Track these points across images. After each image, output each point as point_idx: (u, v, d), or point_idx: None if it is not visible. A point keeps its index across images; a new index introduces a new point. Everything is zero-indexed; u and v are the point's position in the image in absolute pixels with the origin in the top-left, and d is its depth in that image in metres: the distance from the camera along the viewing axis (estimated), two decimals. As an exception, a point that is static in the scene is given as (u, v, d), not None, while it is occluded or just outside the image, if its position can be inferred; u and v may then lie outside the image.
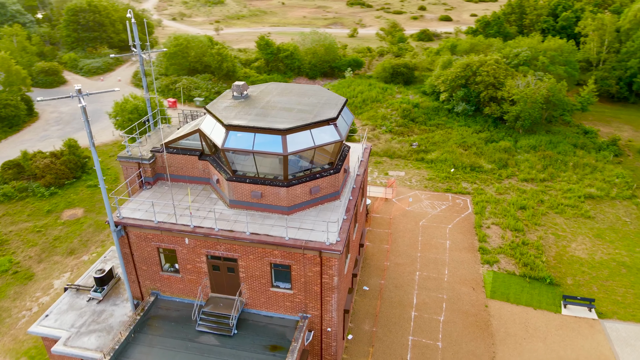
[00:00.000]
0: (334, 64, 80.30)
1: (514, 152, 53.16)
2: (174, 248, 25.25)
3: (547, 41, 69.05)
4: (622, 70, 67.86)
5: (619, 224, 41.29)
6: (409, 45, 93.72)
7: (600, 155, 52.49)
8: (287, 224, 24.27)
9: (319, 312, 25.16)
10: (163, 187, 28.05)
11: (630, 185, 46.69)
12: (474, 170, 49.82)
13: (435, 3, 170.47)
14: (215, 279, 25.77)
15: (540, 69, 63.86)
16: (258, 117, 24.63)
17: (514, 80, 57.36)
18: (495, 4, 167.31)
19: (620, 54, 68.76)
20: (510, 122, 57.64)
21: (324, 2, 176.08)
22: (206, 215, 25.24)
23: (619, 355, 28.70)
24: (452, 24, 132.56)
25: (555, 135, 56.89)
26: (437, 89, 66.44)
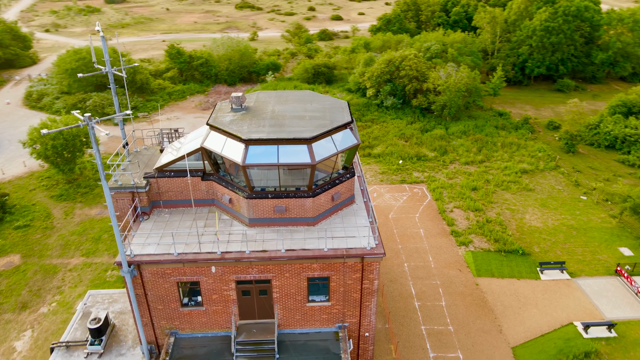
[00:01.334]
0: (252, 69, 78.76)
1: (448, 138, 57.06)
2: (198, 280, 23.05)
3: (451, 34, 74.94)
4: (515, 57, 76.24)
5: (555, 193, 46.58)
6: (317, 46, 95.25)
7: (519, 134, 58.60)
8: (320, 234, 23.53)
9: (357, 319, 24.80)
10: (163, 216, 25.39)
11: (552, 157, 52.86)
12: (420, 160, 52.53)
13: (322, 3, 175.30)
14: (245, 304, 24.06)
15: (450, 60, 69.20)
16: (275, 128, 23.43)
17: (437, 72, 61.45)
18: (378, 3, 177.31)
19: (511, 43, 77.15)
20: (437, 111, 61.67)
21: (211, 7, 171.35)
22: (228, 238, 23.43)
23: (598, 307, 32.53)
24: (344, 22, 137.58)
25: (477, 119, 62.18)
26: (362, 86, 68.65)
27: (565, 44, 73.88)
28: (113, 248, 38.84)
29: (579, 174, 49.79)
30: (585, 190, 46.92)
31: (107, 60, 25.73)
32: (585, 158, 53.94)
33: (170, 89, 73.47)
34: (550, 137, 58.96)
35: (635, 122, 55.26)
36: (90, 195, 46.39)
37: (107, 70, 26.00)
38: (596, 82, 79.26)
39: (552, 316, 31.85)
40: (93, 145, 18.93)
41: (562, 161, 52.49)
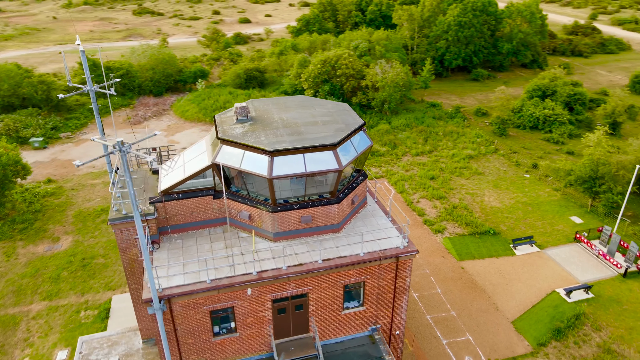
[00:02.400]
0: (178, 78, 74.85)
1: (394, 132, 59.11)
2: (232, 305, 21.50)
3: (375, 32, 77.54)
4: (434, 51, 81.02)
5: (502, 174, 50.44)
6: (237, 50, 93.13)
7: (455, 122, 62.49)
8: (350, 240, 23.18)
9: (389, 319, 24.85)
10: (174, 242, 23.28)
11: (491, 141, 57.12)
12: (374, 155, 53.82)
13: (226, 7, 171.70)
14: (281, 323, 22.94)
15: (378, 57, 71.75)
16: (295, 136, 22.56)
17: (374, 69, 63.29)
18: (282, 4, 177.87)
19: (429, 38, 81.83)
20: (378, 107, 63.59)
21: (105, 14, 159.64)
22: (258, 256, 22.17)
23: (571, 272, 35.90)
24: (254, 25, 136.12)
25: (415, 112, 65.16)
26: (299, 87, 68.53)
27: (477, 37, 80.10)
28: (78, 286, 34.81)
29: (517, 155, 54.41)
30: (527, 168, 51.42)
31: (87, 78, 22.99)
32: (516, 140, 59.04)
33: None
34: (482, 124, 63.63)
35: (551, 104, 61.61)
36: (30, 231, 41.06)
37: (89, 89, 23.23)
38: (503, 70, 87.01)
39: (536, 287, 34.53)
40: (126, 174, 16.80)
41: (499, 144, 56.95)
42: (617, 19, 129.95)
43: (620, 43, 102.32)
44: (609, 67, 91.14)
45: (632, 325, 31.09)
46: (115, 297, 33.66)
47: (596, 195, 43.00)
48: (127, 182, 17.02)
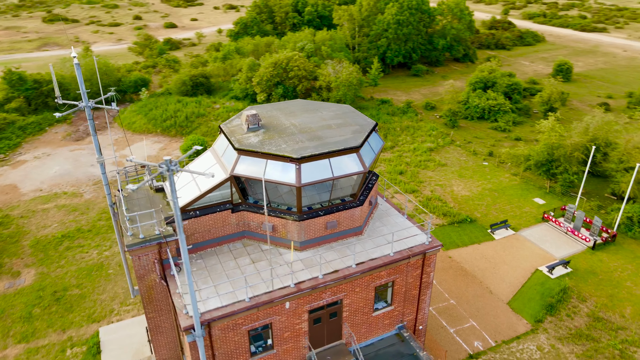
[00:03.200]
0: (117, 88, 70.23)
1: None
2: (270, 321, 20.59)
3: (318, 33, 77.89)
4: (375, 49, 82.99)
5: (463, 163, 52.84)
6: (174, 56, 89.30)
7: (408, 117, 64.47)
8: (376, 241, 23.11)
9: (414, 315, 25.11)
10: (195, 262, 21.83)
11: (446, 133, 59.60)
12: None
13: (147, 12, 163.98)
14: (316, 333, 22.34)
15: (325, 57, 72.28)
16: (316, 141, 22.03)
17: (326, 69, 63.56)
18: (206, 7, 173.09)
19: (370, 37, 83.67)
20: (333, 107, 63.86)
21: (10, 23, 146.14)
22: (291, 268, 21.41)
23: (547, 250, 38.43)
24: (181, 30, 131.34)
25: (369, 110, 66.33)
26: (250, 92, 67.16)
27: (414, 34, 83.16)
28: (57, 322, 31.57)
29: (472, 144, 57.27)
30: (484, 157, 54.29)
31: (83, 93, 20.93)
32: (467, 130, 62.10)
33: (22, 121, 61.39)
34: (432, 117, 66.18)
35: (493, 95, 65.51)
36: (-17, 268, 36.64)
37: (85, 105, 21.16)
38: (439, 65, 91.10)
39: (520, 268, 36.57)
40: (173, 195, 15.45)
41: (454, 136, 59.59)
42: (527, 13, 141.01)
43: (535, 35, 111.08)
44: (530, 58, 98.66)
45: (611, 293, 33.91)
46: (102, 329, 30.95)
47: (553, 177, 46.36)
48: (172, 204, 15.65)
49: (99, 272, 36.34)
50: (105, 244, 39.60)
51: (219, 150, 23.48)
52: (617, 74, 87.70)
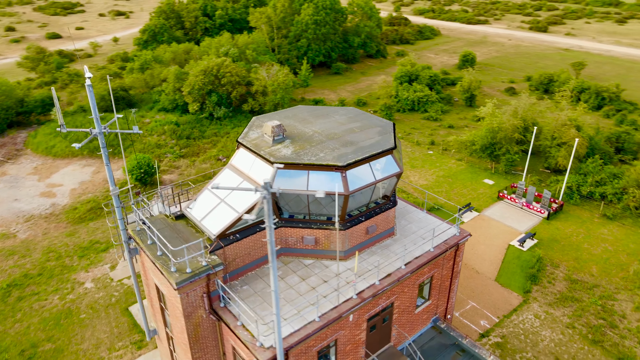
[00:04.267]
0: (21, 109, 62.01)
1: (298, 133, 59.26)
2: (336, 337, 19.78)
3: (237, 37, 75.81)
4: (296, 50, 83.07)
5: (410, 154, 55.15)
6: (76, 70, 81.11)
7: (345, 115, 65.58)
8: (411, 239, 23.29)
9: (445, 305, 25.77)
10: (242, 290, 20.17)
11: (386, 127, 61.67)
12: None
13: (19, 22, 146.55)
14: (371, 341, 21.91)
15: (252, 61, 70.83)
16: (350, 146, 21.52)
17: (261, 73, 62.23)
18: (90, 15, 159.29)
19: (289, 38, 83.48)
20: (271, 111, 62.79)
21: None
22: (347, 279, 20.75)
23: (511, 225, 41.69)
24: (67, 40, 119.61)
25: (305, 111, 66.25)
26: (179, 102, 63.46)
27: (332, 34, 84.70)
28: (37, 385, 27.20)
29: (412, 135, 59.99)
30: (427, 146, 57.18)
31: (96, 118, 18.30)
32: (403, 122, 64.85)
33: None
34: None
35: (419, 87, 69.22)
36: None
37: (99, 131, 18.51)
38: (355, 62, 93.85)
39: (495, 245, 39.24)
40: (269, 220, 14.09)
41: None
42: (418, 9, 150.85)
43: (432, 30, 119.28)
44: (433, 50, 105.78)
45: (575, 256, 37.84)
46: (98, 383, 27.34)
47: (496, 158, 50.35)
48: (267, 230, 14.30)
49: (69, 320, 31.94)
50: (65, 287, 34.90)
51: (243, 166, 21.89)
52: (510, 60, 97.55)
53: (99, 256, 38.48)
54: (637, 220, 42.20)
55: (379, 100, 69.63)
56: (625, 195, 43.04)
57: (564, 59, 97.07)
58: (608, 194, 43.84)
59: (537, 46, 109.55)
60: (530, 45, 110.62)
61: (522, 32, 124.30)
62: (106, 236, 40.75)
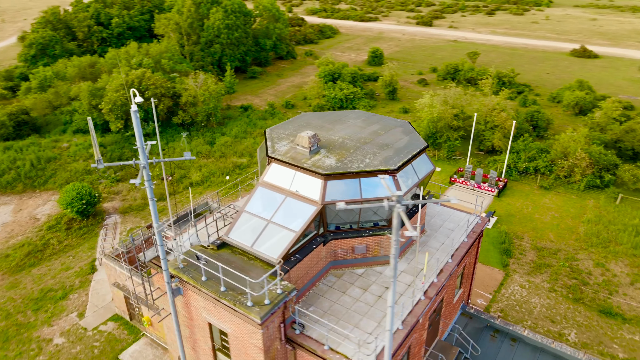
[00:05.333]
0: None
1: (240, 141, 57.15)
2: (410, 342, 19.58)
3: (145, 46, 70.65)
4: (210, 56, 79.82)
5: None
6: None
7: (279, 119, 64.72)
8: (443, 232, 23.88)
9: (468, 290, 26.84)
10: (310, 311, 19.00)
11: (324, 127, 62.05)
12: (242, 169, 51.40)
13: None
14: (429, 338, 22.06)
15: (169, 70, 66.76)
16: (387, 149, 21.33)
17: (189, 83, 58.80)
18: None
19: (200, 44, 79.84)
20: (204, 121, 59.75)
21: None
22: (405, 282, 20.62)
23: (471, 207, 44.60)
24: None
25: (237, 119, 64.07)
26: (99, 121, 57.47)
27: (244, 37, 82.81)
28: None
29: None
30: (369, 142, 58.68)
31: (141, 149, 16.03)
32: (336, 121, 65.73)
33: None
34: (298, 112, 67.76)
35: (344, 85, 70.75)
36: None
37: (144, 164, 16.22)
38: (268, 65, 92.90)
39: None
40: (396, 235, 13.52)
41: (330, 128, 62.52)
42: (310, 9, 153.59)
43: (332, 29, 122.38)
44: (338, 48, 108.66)
45: (532, 227, 41.75)
46: None
47: (437, 146, 53.46)
48: (393, 245, 13.69)
49: (50, 385, 27.41)
50: (30, 348, 29.88)
51: (281, 182, 20.57)
52: (410, 54, 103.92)
53: (59, 305, 33.49)
54: (568, 187, 47.80)
55: (307, 101, 69.83)
56: (555, 167, 48.46)
57: (456, 50, 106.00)
58: (540, 167, 48.98)
59: (429, 39, 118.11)
60: (423, 38, 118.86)
61: (411, 27, 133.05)
62: (59, 281, 35.59)
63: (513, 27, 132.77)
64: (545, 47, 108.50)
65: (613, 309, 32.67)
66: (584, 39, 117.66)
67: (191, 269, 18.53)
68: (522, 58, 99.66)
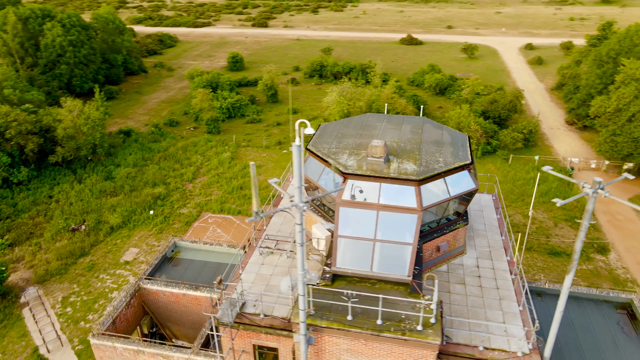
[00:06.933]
0: None
1: (142, 171, 50.60)
2: (514, 320, 20.68)
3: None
4: (56, 79, 68.16)
5: (273, 158, 54.87)
6: None
7: (171, 139, 59.14)
8: (484, 220, 25.51)
9: (485, 264, 29.09)
10: (437, 320, 18.60)
11: (225, 142, 58.78)
12: (160, 199, 45.80)
13: None
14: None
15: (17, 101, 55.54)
16: (445, 146, 21.78)
17: (65, 114, 49.63)
18: None
19: (39, 67, 67.48)
20: (89, 155, 51.27)
21: None
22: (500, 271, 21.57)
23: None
24: None
25: (125, 146, 56.48)
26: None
27: (92, 54, 72.74)
28: None
29: (253, 141, 59.30)
30: (278, 147, 57.72)
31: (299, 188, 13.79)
32: (231, 132, 62.62)
33: None
34: (187, 131, 62.77)
35: (226, 93, 67.95)
36: None
37: (299, 203, 13.98)
38: (121, 82, 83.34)
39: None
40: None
41: (228, 141, 59.58)
42: (133, 18, 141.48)
43: (170, 37, 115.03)
44: (188, 57, 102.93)
45: (462, 197, 46.67)
46: None
47: (349, 140, 55.44)
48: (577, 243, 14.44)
49: None
50: None
51: (366, 197, 19.42)
52: (265, 55, 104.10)
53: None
54: (468, 157, 54.45)
55: (190, 116, 65.23)
56: (453, 142, 54.70)
57: (304, 47, 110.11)
58: (442, 144, 54.74)
59: (273, 40, 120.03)
60: (267, 39, 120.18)
61: (249, 29, 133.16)
62: None
63: (340, 22, 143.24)
64: (378, 39, 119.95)
65: (556, 249, 38.97)
66: (402, 28, 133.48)
67: (325, 312, 16.45)
68: (364, 50, 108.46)
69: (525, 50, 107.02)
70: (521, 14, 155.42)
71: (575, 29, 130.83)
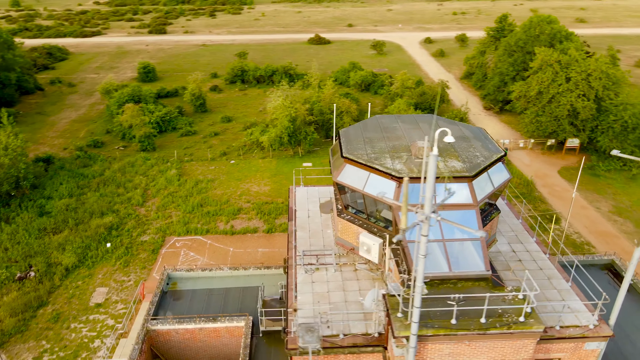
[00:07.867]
0: None
1: (85, 201, 45.26)
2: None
3: None
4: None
5: (223, 171, 52.35)
6: None
7: (101, 163, 53.70)
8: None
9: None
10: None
11: (165, 159, 54.77)
12: (112, 231, 41.45)
13: None
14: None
15: None
16: (474, 140, 22.48)
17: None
18: None
19: None
20: (11, 190, 44.66)
21: None
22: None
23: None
24: None
25: (51, 174, 50.03)
26: None
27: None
28: None
29: (196, 154, 56.13)
30: (224, 158, 55.18)
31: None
32: (169, 147, 58.50)
33: None
34: (119, 151, 57.44)
35: (152, 107, 63.36)
36: None
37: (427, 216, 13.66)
38: (17, 103, 73.39)
39: (378, 206, 45.35)
40: None
41: (167, 157, 55.70)
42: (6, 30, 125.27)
43: (60, 49, 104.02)
44: (87, 70, 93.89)
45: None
46: None
47: (298, 143, 54.94)
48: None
49: None
50: None
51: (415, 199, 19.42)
52: (174, 63, 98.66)
53: None
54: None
55: (115, 134, 59.88)
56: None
57: (214, 53, 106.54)
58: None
59: (178, 46, 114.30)
60: (170, 47, 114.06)
61: (146, 37, 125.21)
62: None
63: (242, 25, 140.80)
64: (286, 40, 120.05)
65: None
66: (305, 28, 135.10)
67: (427, 320, 16.18)
68: (275, 52, 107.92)
69: (425, 44, 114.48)
70: (410, 11, 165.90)
71: (460, 23, 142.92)
